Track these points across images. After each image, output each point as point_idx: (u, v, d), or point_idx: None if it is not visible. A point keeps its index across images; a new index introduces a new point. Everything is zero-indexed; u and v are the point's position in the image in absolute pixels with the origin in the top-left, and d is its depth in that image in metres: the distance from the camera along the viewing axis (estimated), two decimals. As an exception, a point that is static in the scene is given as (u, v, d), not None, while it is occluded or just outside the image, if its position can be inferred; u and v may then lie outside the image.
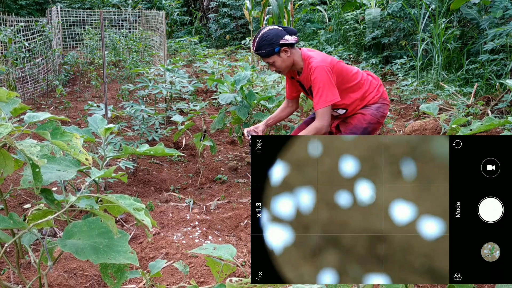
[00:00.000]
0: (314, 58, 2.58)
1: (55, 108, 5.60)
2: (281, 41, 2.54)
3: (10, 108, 1.19)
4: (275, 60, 2.59)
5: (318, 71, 2.52)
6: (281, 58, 2.58)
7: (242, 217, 2.72)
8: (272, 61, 2.60)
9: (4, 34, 5.20)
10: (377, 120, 2.67)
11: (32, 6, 11.54)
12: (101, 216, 1.09)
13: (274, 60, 2.59)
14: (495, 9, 5.33)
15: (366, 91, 2.67)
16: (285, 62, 2.60)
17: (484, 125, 1.62)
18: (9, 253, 2.20)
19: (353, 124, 2.69)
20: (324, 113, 2.55)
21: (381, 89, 2.73)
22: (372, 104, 2.68)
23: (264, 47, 2.55)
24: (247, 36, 10.58)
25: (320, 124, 2.56)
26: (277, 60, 2.59)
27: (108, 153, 1.83)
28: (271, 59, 2.60)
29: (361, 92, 2.66)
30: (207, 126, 4.59)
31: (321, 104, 2.53)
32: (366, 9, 7.64)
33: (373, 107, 2.68)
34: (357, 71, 2.71)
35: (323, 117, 2.55)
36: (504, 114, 4.28)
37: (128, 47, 7.82)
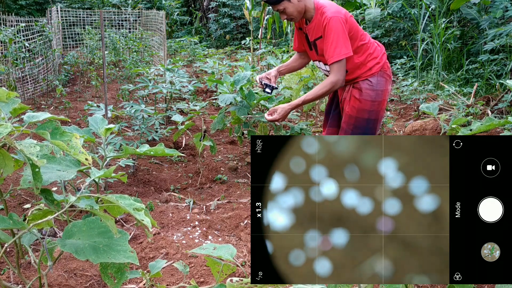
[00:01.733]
0: (328, 8, 2.45)
1: (55, 108, 5.60)
2: None
3: (10, 108, 1.19)
4: (286, 6, 2.45)
5: (334, 21, 2.39)
6: (292, 3, 2.44)
7: (242, 217, 2.72)
8: (283, 7, 2.46)
9: (4, 34, 5.20)
10: (379, 102, 2.56)
11: (32, 6, 11.54)
12: (101, 216, 1.09)
13: (285, 6, 2.45)
14: (495, 9, 5.33)
15: (370, 55, 2.55)
16: (296, 8, 2.46)
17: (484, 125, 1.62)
18: (9, 253, 2.20)
19: (353, 116, 2.57)
20: (340, 67, 2.44)
21: (384, 57, 2.61)
22: (371, 75, 2.54)
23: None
24: (247, 36, 10.58)
25: (336, 78, 2.45)
26: (288, 6, 2.45)
27: (108, 153, 1.83)
28: (281, 6, 2.45)
29: (365, 55, 2.54)
30: (207, 126, 4.59)
31: (336, 56, 2.41)
32: (366, 9, 7.63)
33: (373, 83, 2.54)
34: (365, 32, 2.59)
35: (339, 70, 2.45)
36: (504, 114, 4.28)
37: (128, 47, 7.82)
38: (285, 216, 0.76)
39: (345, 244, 0.76)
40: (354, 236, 0.76)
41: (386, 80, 2.59)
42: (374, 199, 0.76)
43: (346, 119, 2.61)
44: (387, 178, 0.76)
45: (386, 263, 0.75)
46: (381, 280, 0.75)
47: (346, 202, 0.76)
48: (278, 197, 0.76)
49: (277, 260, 0.76)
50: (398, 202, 0.76)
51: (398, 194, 0.76)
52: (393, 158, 0.76)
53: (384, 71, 2.59)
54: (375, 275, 0.75)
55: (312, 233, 0.76)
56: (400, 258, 0.75)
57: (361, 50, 2.54)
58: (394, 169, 0.76)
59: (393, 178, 0.76)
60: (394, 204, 0.76)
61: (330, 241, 0.76)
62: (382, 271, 0.75)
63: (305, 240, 0.76)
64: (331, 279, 0.75)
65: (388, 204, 0.76)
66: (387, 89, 2.60)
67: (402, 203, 0.76)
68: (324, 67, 2.66)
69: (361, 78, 2.56)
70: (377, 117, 2.59)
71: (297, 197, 0.77)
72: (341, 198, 0.76)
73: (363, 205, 0.76)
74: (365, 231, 0.76)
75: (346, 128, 2.62)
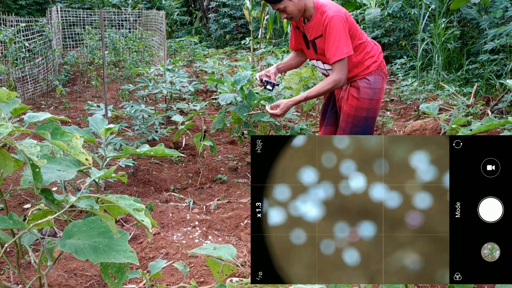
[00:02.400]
0: (329, 8, 2.47)
1: (55, 108, 5.60)
2: None
3: (10, 108, 1.19)
4: (287, 5, 2.47)
5: (335, 20, 2.42)
6: (293, 2, 2.46)
7: (242, 217, 2.72)
8: (283, 6, 2.47)
9: (4, 34, 5.20)
10: (376, 100, 2.58)
11: (32, 6, 11.54)
12: (101, 216, 1.09)
13: (286, 5, 2.47)
14: (495, 9, 5.33)
15: (367, 53, 2.57)
16: (297, 7, 2.48)
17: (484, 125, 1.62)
18: (9, 253, 2.20)
19: (352, 115, 2.59)
20: (342, 66, 2.46)
21: (381, 56, 2.63)
22: (369, 73, 2.57)
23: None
24: (247, 36, 10.58)
25: (339, 77, 2.48)
26: (289, 5, 2.47)
27: (108, 153, 1.83)
28: (282, 4, 2.47)
29: (363, 53, 2.56)
30: (207, 126, 4.59)
31: (339, 55, 2.43)
32: (366, 9, 7.63)
33: (370, 82, 2.56)
34: (362, 31, 2.63)
35: (341, 69, 2.47)
36: (504, 114, 4.28)
37: (128, 47, 7.82)
38: (315, 208, 0.76)
39: (372, 236, 0.76)
40: (381, 229, 0.76)
41: (383, 78, 2.62)
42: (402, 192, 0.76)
43: (345, 117, 2.63)
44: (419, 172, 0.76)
45: (415, 257, 0.75)
46: (409, 274, 0.74)
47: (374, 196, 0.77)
48: (310, 190, 0.76)
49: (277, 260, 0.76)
50: (428, 196, 0.76)
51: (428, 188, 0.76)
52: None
53: (381, 69, 2.62)
54: (403, 268, 0.75)
55: (341, 225, 0.76)
56: (430, 253, 0.75)
57: (359, 49, 2.56)
58: (426, 163, 0.76)
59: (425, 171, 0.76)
60: (425, 198, 0.76)
61: (358, 233, 0.76)
62: (410, 265, 0.75)
63: (334, 231, 0.76)
64: (359, 269, 0.75)
65: (418, 198, 0.76)
66: (383, 88, 2.63)
67: (433, 197, 0.75)
68: (322, 65, 2.67)
69: (359, 76, 2.58)
70: (375, 115, 2.63)
71: (328, 190, 0.76)
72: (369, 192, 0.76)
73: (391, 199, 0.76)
74: (393, 224, 0.76)
75: (344, 127, 2.63)
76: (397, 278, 0.75)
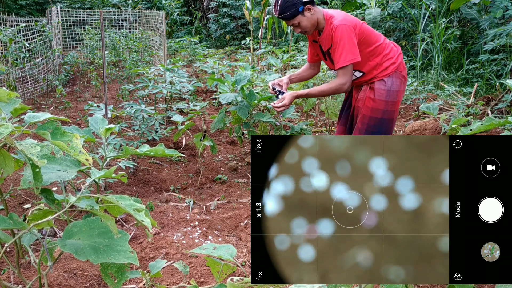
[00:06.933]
0: (336, 18, 2.53)
1: (55, 108, 5.60)
2: (303, 0, 2.50)
3: (11, 108, 1.19)
4: (300, 20, 2.54)
5: (340, 29, 2.48)
6: (306, 17, 2.53)
7: (242, 217, 2.72)
8: (297, 22, 2.55)
9: (4, 34, 5.20)
10: (393, 102, 2.61)
11: (32, 6, 11.54)
12: (101, 216, 1.09)
13: (299, 20, 2.54)
14: (495, 9, 5.33)
15: (386, 55, 2.61)
16: (310, 21, 2.55)
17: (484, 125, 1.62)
18: (9, 253, 2.20)
19: (368, 116, 2.63)
20: (345, 72, 2.52)
21: (400, 58, 2.66)
22: (386, 75, 2.60)
23: (288, 9, 2.50)
24: (247, 36, 10.58)
25: (342, 82, 2.53)
26: (302, 20, 2.54)
27: (108, 153, 1.83)
28: (296, 20, 2.54)
29: (381, 56, 2.60)
30: (207, 126, 4.59)
31: (342, 62, 2.50)
32: (366, 9, 7.63)
33: (387, 84, 2.59)
34: (379, 34, 2.66)
35: (344, 75, 2.53)
36: (504, 114, 4.28)
37: (128, 47, 7.82)
38: (275, 203, 0.77)
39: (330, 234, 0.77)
40: (339, 228, 0.77)
41: (401, 81, 2.65)
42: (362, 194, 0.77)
43: (361, 118, 2.67)
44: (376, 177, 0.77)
45: (367, 254, 0.76)
46: (361, 270, 0.75)
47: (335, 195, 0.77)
48: (272, 184, 0.77)
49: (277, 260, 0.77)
50: (384, 199, 0.77)
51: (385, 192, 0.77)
52: (384, 158, 0.77)
53: (400, 72, 2.64)
54: (356, 265, 0.76)
55: (299, 221, 0.77)
56: (380, 251, 0.76)
57: (376, 51, 2.61)
58: (384, 169, 0.77)
59: (382, 177, 0.77)
60: (380, 200, 0.77)
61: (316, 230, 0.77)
62: (362, 262, 0.76)
63: (292, 226, 0.77)
64: (314, 264, 0.76)
65: (375, 200, 0.77)
66: (401, 90, 2.65)
67: (388, 200, 0.77)
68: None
69: (376, 78, 2.62)
70: (392, 117, 2.64)
71: (287, 185, 0.77)
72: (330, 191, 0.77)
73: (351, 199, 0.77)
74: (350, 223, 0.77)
75: (361, 128, 2.68)
76: (347, 276, 0.76)
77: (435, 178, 0.76)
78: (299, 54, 6.72)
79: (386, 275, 0.76)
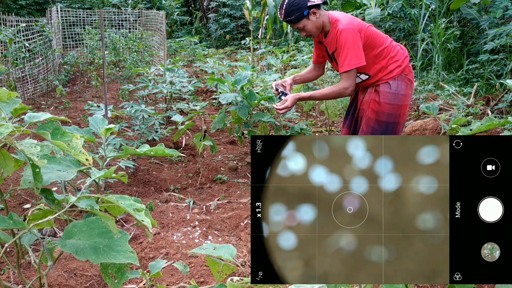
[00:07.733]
0: (341, 21, 2.53)
1: (55, 108, 5.60)
2: (308, 3, 2.50)
3: (11, 108, 1.19)
4: (305, 24, 2.54)
5: (345, 33, 2.47)
6: (311, 21, 2.53)
7: (242, 217, 2.72)
8: (302, 25, 2.55)
9: (4, 34, 5.20)
10: (398, 106, 2.59)
11: (32, 6, 11.54)
12: (102, 216, 1.09)
13: (304, 24, 2.54)
14: (495, 9, 5.34)
15: (391, 58, 2.59)
16: (315, 25, 2.55)
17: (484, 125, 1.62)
18: (9, 253, 2.20)
19: (373, 119, 2.62)
20: (349, 76, 2.52)
21: (406, 60, 2.64)
22: (392, 78, 2.58)
23: (293, 13, 2.51)
24: (247, 36, 10.58)
25: (345, 86, 2.53)
26: (307, 24, 2.54)
27: (108, 153, 1.83)
28: (301, 24, 2.54)
29: (387, 58, 2.59)
30: (207, 126, 4.59)
31: (346, 66, 2.50)
32: (366, 9, 7.63)
33: (392, 87, 2.57)
34: (386, 37, 2.65)
35: (347, 79, 2.52)
36: (504, 114, 4.28)
37: (128, 47, 7.82)
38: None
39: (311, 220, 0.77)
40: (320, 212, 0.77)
41: (407, 84, 2.62)
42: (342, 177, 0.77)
43: (366, 121, 2.67)
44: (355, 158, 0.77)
45: (351, 238, 0.76)
46: (344, 254, 0.76)
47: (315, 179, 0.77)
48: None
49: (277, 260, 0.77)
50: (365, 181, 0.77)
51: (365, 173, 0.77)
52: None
53: (405, 75, 2.62)
54: (339, 250, 0.76)
55: (277, 207, 0.77)
56: (365, 234, 0.76)
57: (382, 54, 2.59)
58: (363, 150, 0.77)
59: (361, 158, 0.77)
60: (361, 183, 0.77)
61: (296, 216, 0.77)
62: (345, 246, 0.76)
63: (270, 213, 0.77)
64: (296, 251, 0.76)
65: (355, 183, 0.77)
66: (408, 94, 2.62)
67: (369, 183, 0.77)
68: None
69: (382, 81, 2.61)
70: (397, 120, 2.62)
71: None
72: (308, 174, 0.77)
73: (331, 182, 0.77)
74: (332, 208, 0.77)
75: (366, 130, 2.67)
76: (331, 259, 0.76)
77: (412, 157, 0.76)
78: (299, 54, 6.71)
79: (369, 257, 0.76)
